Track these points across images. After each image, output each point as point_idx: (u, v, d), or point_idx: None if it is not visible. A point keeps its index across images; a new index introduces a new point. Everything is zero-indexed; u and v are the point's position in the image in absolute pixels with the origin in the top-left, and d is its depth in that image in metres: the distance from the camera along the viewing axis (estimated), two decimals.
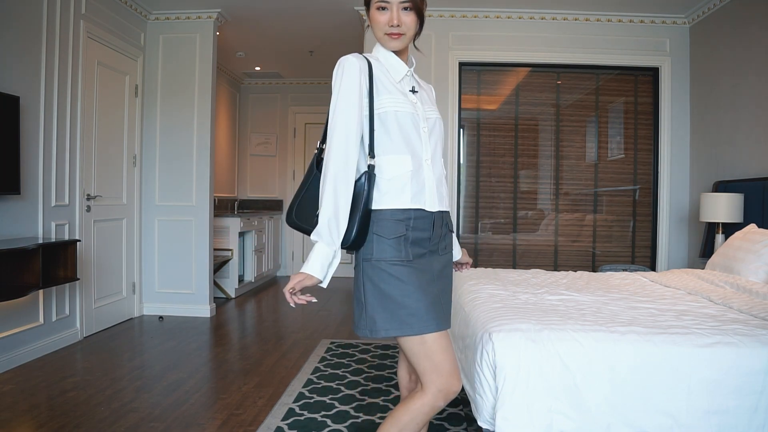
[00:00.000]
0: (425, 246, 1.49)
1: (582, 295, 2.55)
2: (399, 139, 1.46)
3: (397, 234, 1.44)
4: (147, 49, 4.74)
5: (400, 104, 1.47)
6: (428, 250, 1.51)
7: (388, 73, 1.51)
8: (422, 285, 1.44)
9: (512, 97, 4.76)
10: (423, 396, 1.43)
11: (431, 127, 1.53)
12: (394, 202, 1.45)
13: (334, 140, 1.41)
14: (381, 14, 1.45)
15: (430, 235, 1.50)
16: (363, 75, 1.45)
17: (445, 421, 2.52)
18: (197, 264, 4.76)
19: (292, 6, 4.56)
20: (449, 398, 1.44)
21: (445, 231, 1.58)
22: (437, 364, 1.41)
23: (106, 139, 4.22)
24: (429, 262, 1.51)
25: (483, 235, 4.79)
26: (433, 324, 1.41)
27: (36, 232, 3.42)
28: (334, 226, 1.38)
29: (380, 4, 1.44)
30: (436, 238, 1.52)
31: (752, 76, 3.67)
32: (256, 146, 7.45)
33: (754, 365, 1.73)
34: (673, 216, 4.54)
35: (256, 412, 2.65)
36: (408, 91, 1.53)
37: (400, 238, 1.44)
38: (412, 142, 1.48)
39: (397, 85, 1.50)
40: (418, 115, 1.51)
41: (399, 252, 1.43)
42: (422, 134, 1.50)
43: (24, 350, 3.32)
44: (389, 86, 1.48)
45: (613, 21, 4.54)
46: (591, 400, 1.74)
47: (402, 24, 1.45)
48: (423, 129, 1.50)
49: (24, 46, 3.30)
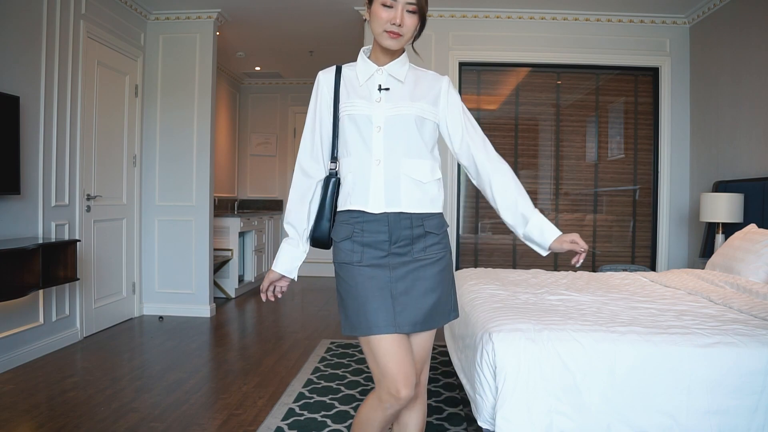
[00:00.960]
0: (384, 248, 1.46)
1: (582, 295, 2.55)
2: (349, 141, 1.50)
3: (345, 236, 1.48)
4: (147, 49, 4.74)
5: (353, 107, 1.48)
6: (390, 253, 1.46)
7: (356, 77, 1.52)
8: (372, 288, 1.44)
9: (512, 97, 4.76)
10: (373, 398, 1.48)
11: (391, 125, 1.46)
12: (344, 204, 1.51)
13: (298, 150, 1.60)
14: (385, 11, 1.41)
15: (388, 237, 1.45)
16: (327, 86, 1.54)
17: (445, 421, 2.52)
18: (197, 264, 4.76)
19: (292, 6, 4.56)
20: (397, 404, 1.43)
21: (420, 232, 1.48)
22: (381, 367, 1.42)
23: (106, 139, 4.22)
24: (390, 265, 1.46)
25: (483, 235, 4.79)
26: (376, 328, 1.42)
27: (36, 232, 3.42)
28: (294, 224, 1.56)
29: (386, 1, 1.41)
30: (402, 239, 1.46)
31: (752, 76, 3.67)
32: (256, 146, 7.45)
33: (754, 365, 1.73)
34: (673, 216, 4.54)
35: (256, 412, 2.65)
36: (375, 90, 1.48)
37: (348, 240, 1.48)
38: (357, 144, 1.48)
39: (359, 88, 1.50)
40: (371, 114, 1.46)
41: (349, 255, 1.47)
42: (374, 134, 1.46)
43: (24, 350, 3.32)
44: (351, 90, 1.50)
45: (613, 21, 4.54)
46: (591, 400, 1.74)
47: (404, 25, 1.42)
48: (375, 128, 1.45)
49: (24, 46, 3.30)
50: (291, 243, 1.57)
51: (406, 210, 1.46)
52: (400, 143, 1.47)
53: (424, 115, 1.49)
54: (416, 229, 1.47)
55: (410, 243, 1.47)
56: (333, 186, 1.52)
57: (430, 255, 1.49)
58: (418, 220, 1.48)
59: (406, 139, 1.47)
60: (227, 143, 6.95)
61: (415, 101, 1.49)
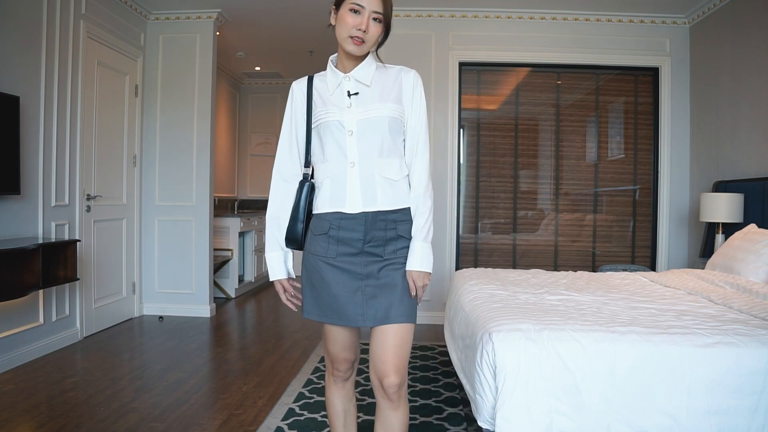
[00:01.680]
0: (356, 246, 1.55)
1: (582, 295, 2.55)
2: (323, 147, 1.58)
3: (322, 231, 1.58)
4: (147, 49, 4.74)
5: (326, 115, 1.56)
6: (362, 251, 1.55)
7: (326, 86, 1.60)
8: (335, 284, 1.55)
9: (512, 97, 4.76)
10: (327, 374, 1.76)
11: (363, 128, 1.53)
12: (321, 205, 1.59)
13: (275, 157, 1.68)
14: (352, 16, 1.48)
15: (362, 236, 1.54)
16: (300, 95, 1.63)
17: (445, 421, 2.52)
18: (197, 264, 4.76)
19: (292, 6, 4.56)
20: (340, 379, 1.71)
21: (393, 235, 1.55)
22: (328, 350, 1.67)
23: (106, 139, 4.22)
24: (360, 264, 1.55)
25: (483, 235, 4.79)
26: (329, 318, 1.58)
27: (36, 232, 3.42)
28: (277, 231, 1.64)
29: (354, 6, 1.47)
30: (376, 240, 1.55)
31: (752, 76, 3.67)
32: (256, 146, 7.45)
33: (754, 365, 1.73)
34: (673, 216, 4.54)
35: (256, 412, 2.65)
36: (344, 97, 1.55)
37: (324, 235, 1.57)
38: (333, 149, 1.56)
39: (330, 96, 1.57)
40: (343, 120, 1.53)
41: (324, 249, 1.57)
42: (347, 139, 1.53)
43: (24, 350, 3.32)
44: (323, 99, 1.58)
45: (613, 21, 4.54)
46: (591, 400, 1.74)
47: (368, 32, 1.49)
48: (347, 133, 1.53)
49: (24, 46, 3.30)
50: (274, 249, 1.65)
51: (381, 208, 1.55)
52: (373, 145, 1.54)
53: (393, 115, 1.55)
54: (389, 231, 1.56)
55: (383, 244, 1.56)
56: (307, 189, 1.61)
57: (400, 257, 1.58)
58: (392, 223, 1.56)
59: (379, 140, 1.54)
60: (227, 143, 6.95)
61: (384, 102, 1.55)
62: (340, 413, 1.74)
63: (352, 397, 1.77)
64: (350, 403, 1.76)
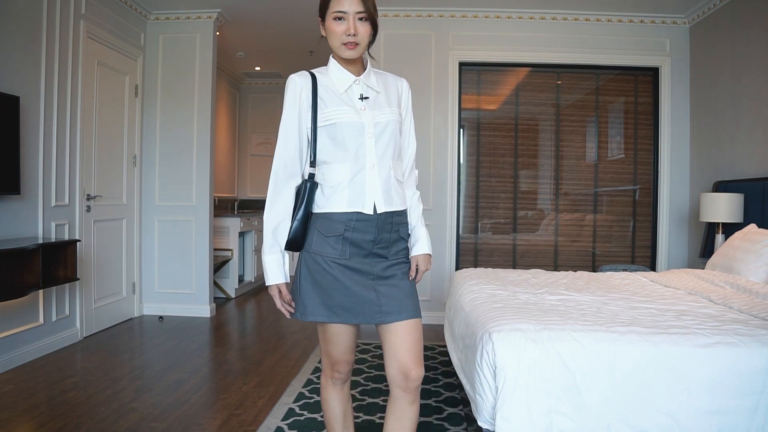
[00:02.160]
0: (367, 248, 1.57)
1: (582, 295, 2.55)
2: (340, 148, 1.56)
3: (336, 233, 1.56)
4: (147, 49, 4.74)
5: (342, 115, 1.55)
6: (371, 252, 1.57)
7: (334, 85, 1.59)
8: (351, 283, 1.56)
9: (512, 97, 4.76)
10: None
11: (380, 131, 1.57)
12: (336, 206, 1.56)
13: (275, 156, 1.61)
14: (338, 24, 1.51)
15: (374, 237, 1.57)
16: (304, 91, 1.58)
17: (445, 421, 2.52)
18: (197, 264, 4.76)
19: (292, 6, 4.56)
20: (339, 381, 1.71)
21: (396, 237, 1.61)
22: (329, 353, 1.67)
23: (106, 139, 4.22)
24: (369, 264, 1.57)
25: (483, 235, 4.79)
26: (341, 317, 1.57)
27: (36, 232, 3.42)
28: (279, 233, 1.60)
29: (337, 15, 1.50)
30: (383, 242, 1.58)
31: (752, 76, 3.67)
32: (256, 146, 7.45)
33: (754, 365, 1.73)
34: (673, 216, 4.54)
35: (256, 412, 2.65)
36: (357, 99, 1.57)
37: (338, 237, 1.56)
38: (352, 150, 1.55)
39: (342, 96, 1.57)
40: (363, 122, 1.55)
41: (336, 250, 1.56)
42: (367, 141, 1.55)
43: (24, 350, 3.32)
44: (334, 98, 1.57)
45: (613, 21, 4.54)
46: (591, 400, 1.74)
47: (358, 33, 1.51)
48: (368, 135, 1.55)
49: (24, 46, 3.30)
50: (273, 252, 1.60)
51: (396, 208, 1.61)
52: (387, 147, 1.59)
53: (397, 119, 1.63)
54: (394, 234, 1.62)
55: (388, 246, 1.61)
56: (311, 190, 1.59)
57: (401, 257, 1.65)
58: (396, 225, 1.62)
59: (392, 143, 1.60)
60: (227, 143, 6.95)
61: (391, 107, 1.62)
62: (339, 416, 1.74)
63: (349, 399, 1.78)
64: (348, 404, 1.77)
